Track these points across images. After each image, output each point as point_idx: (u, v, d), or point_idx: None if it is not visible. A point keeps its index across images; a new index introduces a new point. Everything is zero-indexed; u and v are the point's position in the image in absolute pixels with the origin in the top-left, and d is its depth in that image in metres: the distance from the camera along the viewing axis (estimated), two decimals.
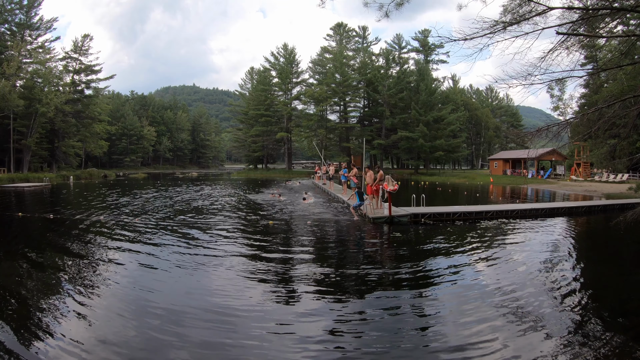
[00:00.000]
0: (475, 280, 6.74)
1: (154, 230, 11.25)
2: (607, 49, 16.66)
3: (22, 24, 43.79)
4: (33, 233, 11.35)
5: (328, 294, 6.12)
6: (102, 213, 14.91)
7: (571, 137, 13.04)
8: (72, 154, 48.47)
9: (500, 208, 15.17)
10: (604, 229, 12.65)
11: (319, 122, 57.13)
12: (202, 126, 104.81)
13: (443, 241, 10.05)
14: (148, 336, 4.57)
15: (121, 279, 6.76)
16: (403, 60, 61.95)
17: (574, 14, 6.82)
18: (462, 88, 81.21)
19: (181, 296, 5.93)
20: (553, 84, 7.44)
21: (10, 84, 37.07)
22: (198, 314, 5.22)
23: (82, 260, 8.06)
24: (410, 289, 6.33)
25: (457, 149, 58.57)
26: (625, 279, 7.32)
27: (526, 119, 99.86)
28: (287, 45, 62.52)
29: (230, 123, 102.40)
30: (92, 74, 50.21)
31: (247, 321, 5.02)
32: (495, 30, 6.60)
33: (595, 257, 9.25)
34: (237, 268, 7.42)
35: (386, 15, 7.18)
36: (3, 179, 34.31)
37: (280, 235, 10.80)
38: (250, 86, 72.59)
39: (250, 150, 66.36)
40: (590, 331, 4.78)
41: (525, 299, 5.76)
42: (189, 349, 4.27)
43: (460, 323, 4.96)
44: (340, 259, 8.38)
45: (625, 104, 8.00)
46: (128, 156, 79.68)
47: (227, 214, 15.02)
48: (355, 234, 11.18)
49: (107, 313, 5.26)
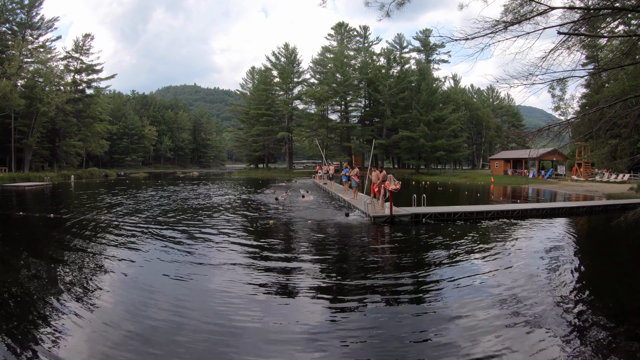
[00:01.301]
0: (476, 280, 6.73)
1: (155, 230, 11.27)
2: (608, 49, 16.65)
3: (23, 24, 43.86)
4: (34, 232, 11.38)
5: (328, 293, 6.12)
6: (102, 212, 14.93)
7: (572, 137, 13.02)
8: (73, 154, 48.56)
9: (501, 208, 15.15)
10: (605, 229, 12.62)
11: (320, 121, 57.12)
12: (203, 126, 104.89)
13: (444, 241, 10.04)
14: (148, 336, 4.57)
15: (121, 279, 6.78)
16: (404, 60, 61.87)
17: (575, 14, 6.81)
18: (463, 88, 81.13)
19: (182, 296, 5.93)
20: (554, 83, 7.45)
21: (11, 83, 37.14)
22: (198, 315, 5.23)
23: (83, 259, 8.08)
24: (411, 288, 6.32)
25: (458, 148, 58.54)
26: (626, 279, 7.32)
27: (527, 118, 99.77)
28: (288, 45, 62.62)
29: (231, 123, 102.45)
30: (93, 74, 50.34)
31: (247, 321, 5.02)
32: (496, 29, 6.60)
33: (596, 257, 9.23)
34: (238, 268, 7.43)
35: (387, 15, 7.19)
36: (4, 178, 34.38)
37: (281, 234, 10.81)
38: (251, 86, 72.59)
39: (251, 150, 66.40)
40: (590, 331, 4.78)
41: (526, 299, 5.76)
42: (189, 350, 4.27)
43: (461, 323, 4.95)
44: (341, 258, 8.38)
45: (626, 104, 7.99)
46: (129, 155, 79.78)
47: (228, 213, 15.03)
48: (356, 233, 11.18)
49: (107, 313, 5.27)
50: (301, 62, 64.26)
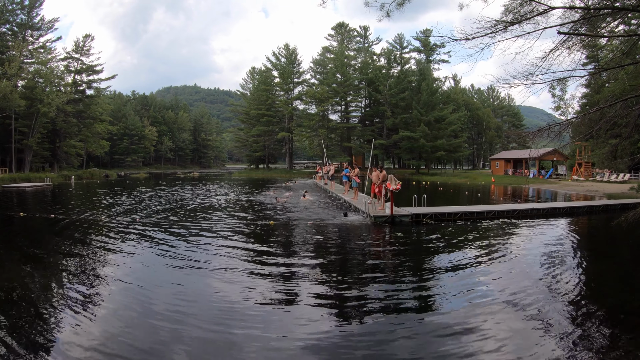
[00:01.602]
0: (477, 280, 6.73)
1: (155, 230, 11.27)
2: (608, 49, 16.61)
3: (23, 24, 43.90)
4: (34, 233, 11.39)
5: (329, 293, 6.12)
6: (103, 213, 14.94)
7: (572, 137, 12.99)
8: (74, 154, 48.59)
9: (501, 208, 15.14)
10: (606, 229, 12.62)
11: (320, 122, 57.13)
12: (203, 126, 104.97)
13: (445, 241, 10.04)
14: (148, 336, 4.58)
15: (122, 279, 6.78)
16: (404, 60, 61.85)
17: (575, 14, 6.82)
18: (464, 88, 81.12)
19: (182, 296, 5.94)
20: (554, 83, 7.45)
21: (11, 84, 37.17)
22: (199, 314, 5.23)
23: (83, 259, 8.08)
24: (411, 288, 6.32)
25: (458, 148, 58.52)
26: (627, 279, 7.31)
27: (527, 118, 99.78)
28: (288, 45, 62.63)
29: (231, 123, 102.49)
30: (93, 74, 50.40)
31: (247, 321, 5.03)
32: (496, 29, 6.60)
33: (596, 257, 9.22)
34: (238, 268, 7.43)
35: (387, 15, 7.19)
36: (5, 178, 34.42)
37: (281, 235, 10.81)
38: (251, 86, 72.63)
39: (251, 150, 66.42)
40: (591, 331, 4.77)
41: (526, 299, 5.76)
42: (189, 350, 4.27)
43: (460, 322, 4.95)
44: (342, 260, 8.37)
45: (626, 104, 7.99)
46: (129, 156, 79.86)
47: (228, 213, 15.04)
48: (357, 234, 11.18)
49: (107, 313, 5.28)
50: (301, 63, 64.37)
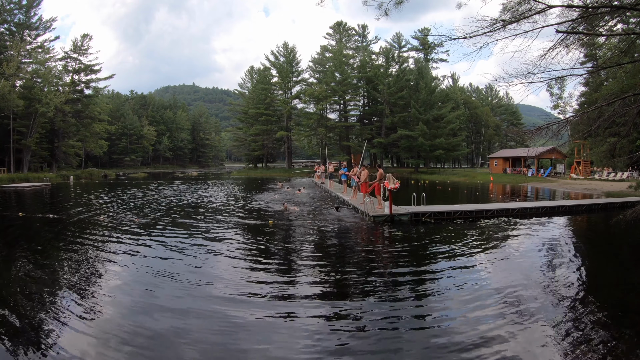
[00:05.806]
0: (476, 279, 6.74)
1: (155, 230, 11.26)
2: (606, 47, 16.65)
3: (21, 24, 43.75)
4: (34, 233, 11.37)
5: (329, 292, 6.13)
6: (102, 213, 14.92)
7: (571, 135, 13.04)
8: (72, 154, 48.46)
9: (500, 207, 15.16)
10: (604, 227, 12.66)
11: (319, 120, 57.11)
12: (202, 125, 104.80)
13: (444, 240, 10.06)
14: (148, 336, 4.58)
15: (121, 279, 6.77)
16: (403, 58, 61.90)
17: (573, 12, 6.83)
18: (462, 86, 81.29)
19: (182, 296, 5.94)
20: (553, 82, 7.47)
21: (10, 84, 37.06)
22: (199, 313, 5.24)
23: (83, 259, 8.07)
24: (411, 287, 6.33)
25: (457, 147, 58.51)
26: (626, 278, 7.33)
27: (526, 117, 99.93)
28: (287, 44, 62.68)
29: (230, 122, 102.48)
30: (91, 74, 50.27)
31: (247, 321, 5.03)
32: (495, 28, 6.61)
33: (595, 255, 9.25)
34: (238, 267, 7.43)
35: (385, 14, 7.19)
36: (3, 179, 34.33)
37: (280, 235, 10.81)
38: (250, 85, 72.59)
39: (250, 149, 66.39)
40: (590, 330, 4.79)
41: (526, 298, 5.77)
42: (190, 350, 4.28)
43: (461, 322, 4.97)
44: (341, 258, 8.38)
45: (625, 102, 8.00)
46: (128, 156, 79.70)
47: (228, 212, 15.02)
48: (356, 232, 11.19)
49: (108, 313, 5.27)
50: (300, 62, 64.34)
